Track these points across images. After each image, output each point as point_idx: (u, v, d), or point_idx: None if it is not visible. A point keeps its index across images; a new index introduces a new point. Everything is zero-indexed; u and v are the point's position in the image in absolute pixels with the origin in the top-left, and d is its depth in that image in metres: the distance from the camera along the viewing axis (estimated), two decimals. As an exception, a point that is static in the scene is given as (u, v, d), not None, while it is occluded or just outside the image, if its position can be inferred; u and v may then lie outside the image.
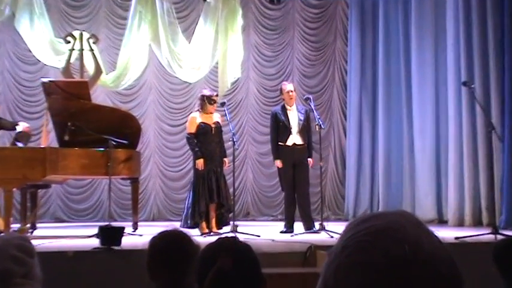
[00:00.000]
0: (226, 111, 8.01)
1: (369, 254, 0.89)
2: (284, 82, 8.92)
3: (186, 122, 11.23)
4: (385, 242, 0.89)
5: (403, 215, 0.94)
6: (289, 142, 8.10)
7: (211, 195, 7.79)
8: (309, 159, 8.14)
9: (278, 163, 8.11)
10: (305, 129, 8.16)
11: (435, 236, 0.94)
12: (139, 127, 8.55)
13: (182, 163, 11.37)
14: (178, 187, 11.31)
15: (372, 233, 0.91)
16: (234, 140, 7.69)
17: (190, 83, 11.14)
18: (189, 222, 7.81)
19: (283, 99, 8.36)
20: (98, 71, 9.87)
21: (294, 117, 8.19)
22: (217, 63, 10.65)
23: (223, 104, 8.08)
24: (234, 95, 11.51)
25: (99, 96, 10.93)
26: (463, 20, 9.19)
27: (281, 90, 8.41)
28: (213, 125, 7.96)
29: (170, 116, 11.42)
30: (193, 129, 7.94)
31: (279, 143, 8.19)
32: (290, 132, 8.12)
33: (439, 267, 0.89)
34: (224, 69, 10.53)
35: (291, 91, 8.23)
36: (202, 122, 7.92)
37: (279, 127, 8.19)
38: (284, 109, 8.24)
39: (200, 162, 7.79)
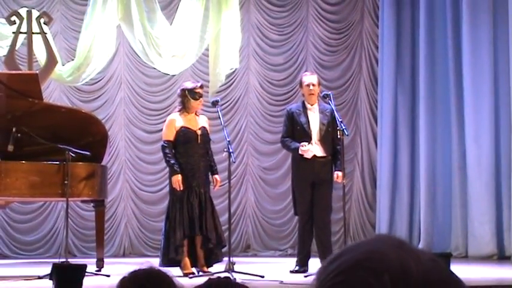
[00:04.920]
0: (219, 113, 8.03)
1: None
2: (305, 73, 8.99)
3: (166, 127, 11.42)
4: (362, 278, 0.91)
5: (381, 240, 0.97)
6: (308, 153, 8.12)
7: (191, 226, 7.80)
8: (337, 173, 8.17)
9: (302, 147, 8.05)
10: (329, 137, 8.18)
11: (427, 254, 0.96)
12: (106, 134, 8.57)
13: (162, 181, 11.36)
14: (156, 213, 11.30)
15: (345, 270, 0.94)
16: (230, 150, 7.70)
17: (172, 76, 11.16)
18: (161, 258, 7.80)
19: (303, 95, 8.42)
20: (52, 61, 9.89)
21: (315, 120, 8.22)
22: (207, 49, 10.68)
23: (215, 104, 8.10)
24: (230, 91, 11.54)
25: (53, 93, 10.96)
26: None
27: (300, 83, 8.48)
28: (198, 131, 7.96)
29: (146, 119, 11.44)
30: (171, 136, 7.94)
31: (295, 155, 8.22)
32: (310, 140, 8.15)
33: None
34: (216, 57, 10.57)
35: (312, 84, 8.26)
36: (183, 127, 7.93)
37: (296, 132, 8.22)
38: (304, 108, 8.29)
39: (177, 180, 7.79)
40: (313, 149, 8.14)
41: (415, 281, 0.92)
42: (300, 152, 8.09)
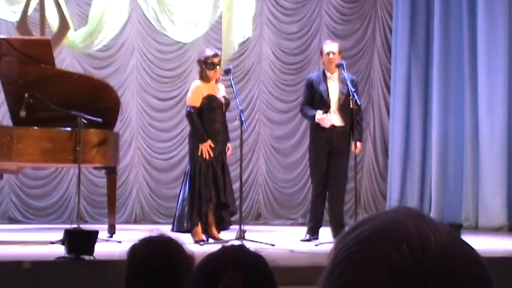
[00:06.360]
0: (232, 81, 8.02)
1: (364, 267, 0.91)
2: (326, 41, 8.96)
3: (178, 94, 11.41)
4: (381, 247, 0.92)
5: (400, 211, 0.97)
6: (326, 122, 8.07)
7: (218, 192, 7.81)
8: (355, 142, 8.08)
9: (319, 114, 8.03)
10: (348, 106, 8.08)
11: (445, 226, 0.96)
12: (118, 101, 8.57)
13: (174, 149, 11.38)
14: (167, 180, 11.33)
15: (363, 240, 0.93)
16: (242, 119, 7.68)
17: (184, 44, 11.13)
18: (185, 225, 7.82)
19: (324, 63, 8.37)
20: (64, 27, 9.87)
21: (335, 89, 8.16)
22: (220, 17, 10.63)
23: (228, 72, 8.09)
24: (243, 60, 11.50)
25: (65, 60, 10.94)
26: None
27: (320, 51, 8.46)
28: (222, 99, 7.97)
29: (158, 86, 11.43)
30: (197, 102, 7.92)
31: (313, 123, 8.19)
32: (328, 109, 8.08)
33: (456, 263, 0.92)
34: (230, 25, 10.53)
35: (332, 53, 8.20)
36: (210, 94, 7.92)
37: (315, 100, 8.16)
38: (324, 77, 8.23)
39: (206, 147, 7.78)
40: (331, 118, 8.09)
41: (434, 252, 0.92)
42: (316, 120, 8.08)
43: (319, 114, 8.01)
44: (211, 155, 7.80)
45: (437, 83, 10.79)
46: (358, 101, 7.94)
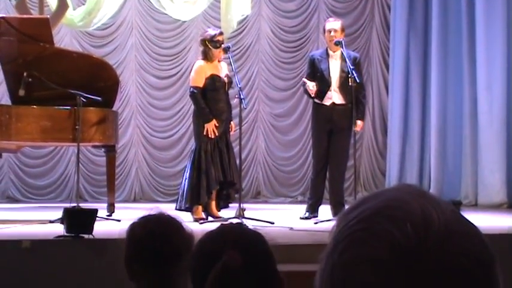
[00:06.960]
0: (231, 59, 8.01)
1: (366, 245, 0.91)
2: (329, 19, 8.95)
3: (177, 72, 11.39)
4: (383, 226, 0.91)
5: (403, 189, 0.97)
6: (327, 100, 8.06)
7: (224, 170, 7.84)
8: (358, 122, 8.11)
9: (312, 86, 8.00)
10: (347, 84, 8.00)
11: (448, 204, 0.95)
12: (117, 79, 8.55)
13: (173, 127, 11.37)
14: (167, 158, 11.34)
15: (366, 218, 0.93)
16: (241, 97, 7.68)
17: (183, 22, 11.11)
18: (185, 203, 7.82)
19: (327, 42, 8.38)
20: (63, 5, 9.84)
21: (336, 67, 8.14)
22: (219, -5, 10.64)
23: (226, 50, 8.07)
24: (241, 38, 11.48)
25: (64, 38, 10.91)
26: None
27: (323, 29, 8.46)
28: (225, 79, 7.97)
29: (157, 65, 11.42)
30: (201, 82, 7.92)
31: (314, 101, 8.19)
32: (329, 87, 8.07)
33: (459, 241, 0.92)
34: (228, 3, 10.51)
35: (334, 30, 8.17)
36: (213, 74, 7.92)
37: (316, 78, 8.14)
38: (327, 55, 8.21)
39: (212, 126, 7.79)
40: (332, 96, 8.09)
41: (437, 230, 0.91)
42: (305, 86, 8.09)
43: (309, 82, 7.99)
44: (217, 134, 7.81)
45: (436, 60, 10.78)
46: (356, 78, 7.90)
